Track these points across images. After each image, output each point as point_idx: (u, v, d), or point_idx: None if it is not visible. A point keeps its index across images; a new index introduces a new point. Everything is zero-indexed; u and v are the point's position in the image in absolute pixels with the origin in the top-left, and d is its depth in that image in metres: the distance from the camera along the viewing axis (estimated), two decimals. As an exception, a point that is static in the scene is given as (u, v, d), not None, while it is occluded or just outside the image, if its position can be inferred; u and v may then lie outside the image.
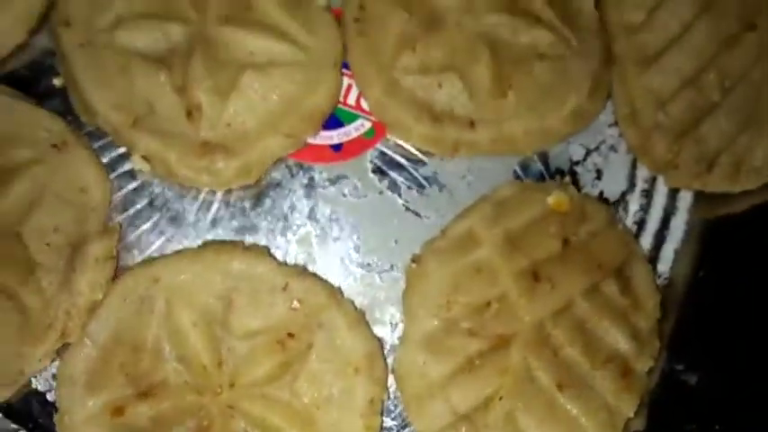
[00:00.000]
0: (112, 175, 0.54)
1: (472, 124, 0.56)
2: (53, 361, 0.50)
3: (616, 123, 0.60)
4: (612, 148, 0.60)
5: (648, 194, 0.59)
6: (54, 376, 0.50)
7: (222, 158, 0.52)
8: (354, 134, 0.58)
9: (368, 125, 0.58)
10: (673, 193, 0.59)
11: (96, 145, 0.54)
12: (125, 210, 0.54)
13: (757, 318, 0.54)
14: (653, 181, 0.60)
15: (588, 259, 0.54)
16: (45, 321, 0.48)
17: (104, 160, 0.54)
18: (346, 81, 0.57)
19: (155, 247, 0.53)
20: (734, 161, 0.54)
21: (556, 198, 0.55)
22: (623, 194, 0.59)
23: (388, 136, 0.57)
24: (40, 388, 0.51)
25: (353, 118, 0.58)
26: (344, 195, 0.56)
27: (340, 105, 0.57)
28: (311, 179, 0.56)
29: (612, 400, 0.51)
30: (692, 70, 0.56)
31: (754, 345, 0.54)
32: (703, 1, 0.57)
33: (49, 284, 0.48)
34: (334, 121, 0.57)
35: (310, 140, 0.56)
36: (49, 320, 0.48)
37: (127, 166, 0.54)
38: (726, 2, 0.56)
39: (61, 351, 0.49)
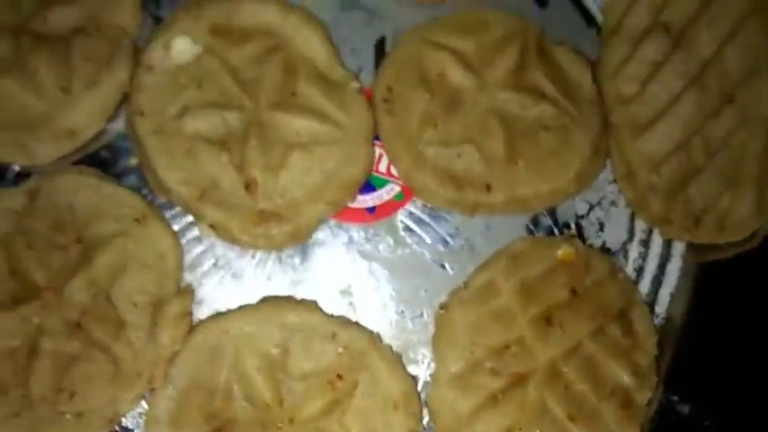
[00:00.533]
0: (183, 240, 0.61)
1: (488, 188, 0.63)
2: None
3: (615, 181, 0.66)
4: (613, 203, 0.67)
5: (646, 244, 0.66)
6: (141, 415, 0.57)
7: (276, 225, 0.60)
8: (386, 197, 0.65)
9: (397, 189, 0.66)
10: (667, 242, 0.66)
11: (168, 214, 0.61)
12: (194, 270, 0.61)
13: (744, 354, 0.61)
14: (650, 232, 0.67)
15: (594, 306, 0.60)
16: (134, 370, 0.55)
17: (176, 227, 0.61)
18: (377, 151, 0.65)
19: (220, 301, 0.60)
20: (718, 218, 0.61)
21: (564, 252, 0.62)
22: (623, 244, 0.66)
23: (416, 199, 0.65)
24: (129, 425, 0.58)
25: (384, 183, 0.66)
26: (379, 251, 0.64)
27: (373, 172, 0.65)
28: (350, 238, 0.64)
29: (616, 427, 0.58)
30: (681, 137, 0.63)
31: (741, 378, 0.60)
32: (689, 75, 0.63)
33: (136, 339, 0.56)
34: (368, 187, 0.65)
35: (348, 204, 0.64)
36: (138, 369, 0.55)
37: (195, 233, 0.62)
38: (709, 77, 0.63)
39: (148, 395, 0.56)
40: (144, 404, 0.57)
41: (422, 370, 0.62)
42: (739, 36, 0.62)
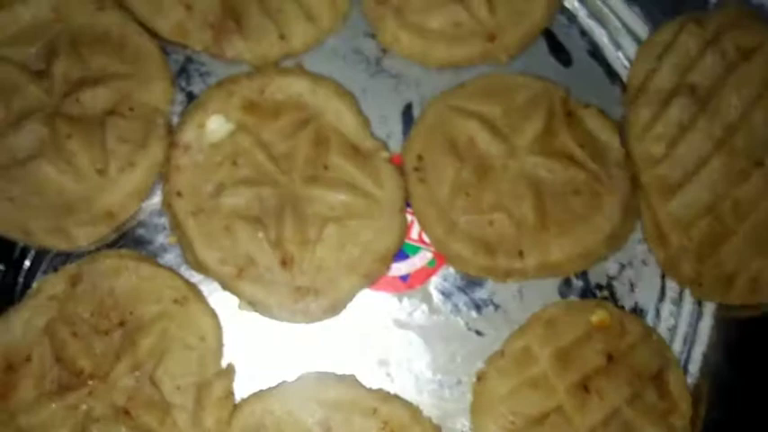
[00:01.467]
0: (223, 318, 0.62)
1: (521, 254, 0.64)
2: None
3: (645, 240, 0.67)
4: (644, 263, 0.68)
5: (678, 303, 0.68)
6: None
7: (313, 300, 0.62)
8: (419, 264, 0.67)
9: (429, 255, 0.67)
10: (699, 302, 0.67)
11: (206, 291, 0.63)
12: (233, 346, 0.61)
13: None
14: (681, 290, 0.68)
15: (630, 371, 0.62)
16: None
17: (214, 302, 0.62)
18: (409, 218, 0.66)
19: (259, 377, 0.61)
20: (750, 280, 0.62)
21: (598, 317, 0.64)
22: (656, 305, 0.67)
23: (449, 266, 0.66)
24: None
25: (417, 250, 0.67)
26: (414, 319, 0.65)
27: (405, 240, 0.66)
28: (385, 307, 0.65)
29: None
30: (710, 200, 0.64)
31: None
32: (717, 138, 0.64)
33: (182, 422, 0.57)
34: (400, 254, 0.66)
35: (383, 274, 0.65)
36: None
37: (233, 310, 0.62)
38: (737, 140, 0.64)
39: None
40: None
41: None
42: (766, 99, 0.63)
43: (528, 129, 0.66)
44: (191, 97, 0.67)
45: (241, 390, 0.61)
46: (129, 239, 0.65)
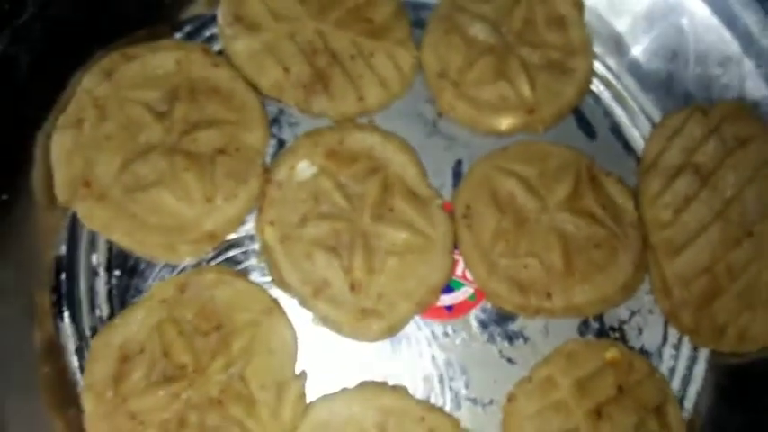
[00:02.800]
0: (299, 330, 0.71)
1: (549, 296, 0.74)
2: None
3: (652, 292, 0.78)
4: (650, 311, 0.78)
5: (677, 347, 0.77)
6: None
7: (375, 322, 0.71)
8: (461, 298, 0.77)
9: (470, 291, 0.77)
10: (694, 347, 0.77)
11: (287, 305, 0.71)
12: (305, 354, 0.71)
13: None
14: (680, 337, 0.77)
15: (636, 401, 0.71)
16: None
17: (292, 316, 0.71)
18: (456, 257, 0.76)
19: (326, 384, 0.70)
20: (738, 331, 0.72)
21: (611, 354, 0.73)
22: (659, 347, 0.77)
23: (486, 301, 0.76)
24: None
25: (460, 285, 0.77)
26: (456, 345, 0.74)
27: (452, 276, 0.76)
28: (432, 332, 0.75)
29: None
30: (708, 261, 0.74)
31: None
32: (715, 210, 0.75)
33: (265, 415, 0.65)
34: (447, 288, 0.75)
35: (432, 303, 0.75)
36: None
37: (308, 323, 0.72)
38: (732, 212, 0.74)
39: None
40: None
41: None
42: (757, 180, 0.74)
43: (558, 189, 0.76)
44: (281, 143, 0.78)
45: (311, 392, 0.69)
46: (224, 258, 0.74)
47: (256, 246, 0.74)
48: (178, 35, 0.79)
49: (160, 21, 0.77)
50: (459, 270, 0.76)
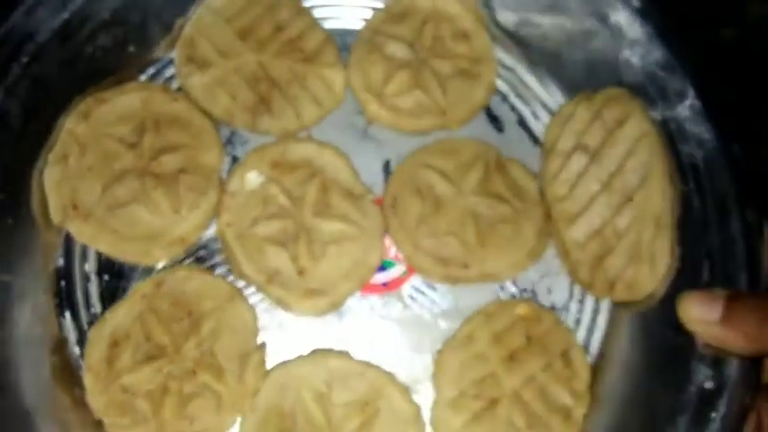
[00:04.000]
0: (258, 311, 0.82)
1: (466, 266, 0.83)
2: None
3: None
4: (557, 273, 0.85)
5: (582, 302, 0.86)
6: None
7: (320, 299, 0.81)
8: (395, 275, 0.86)
9: (403, 268, 0.86)
10: (597, 301, 0.86)
11: (247, 292, 0.84)
12: (265, 331, 0.82)
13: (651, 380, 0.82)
14: (584, 293, 0.86)
15: (544, 348, 0.80)
16: (231, 402, 0.76)
17: (252, 300, 0.83)
18: (387, 242, 0.87)
19: (283, 352, 0.81)
20: (626, 283, 0.81)
21: (522, 310, 0.82)
22: (566, 302, 0.86)
23: (416, 275, 0.87)
24: None
25: (393, 264, 0.86)
26: (392, 314, 0.84)
27: (385, 258, 0.85)
28: (371, 305, 0.84)
29: None
30: (598, 226, 0.83)
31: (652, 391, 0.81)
32: (602, 182, 0.84)
33: (232, 381, 0.76)
34: (381, 268, 0.85)
35: (369, 281, 0.86)
36: (233, 402, 0.76)
37: (265, 305, 0.83)
38: (615, 183, 0.84)
39: (240, 419, 0.78)
40: (237, 425, 0.78)
41: (426, 398, 0.80)
42: (633, 155, 0.84)
43: (471, 177, 0.85)
44: (235, 159, 0.87)
45: (270, 360, 0.80)
46: (193, 257, 0.85)
47: (219, 245, 0.85)
48: (143, 77, 0.91)
49: (127, 67, 0.90)
50: (392, 252, 0.88)
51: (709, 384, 0.72)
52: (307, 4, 0.94)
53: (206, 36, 0.90)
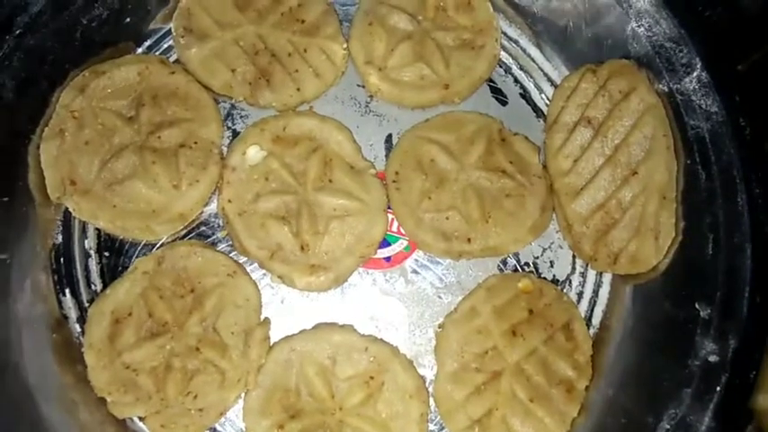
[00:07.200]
0: (260, 286, 0.79)
1: (469, 240, 0.80)
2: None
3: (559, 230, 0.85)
4: (560, 247, 0.83)
5: (584, 275, 0.83)
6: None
7: (323, 274, 0.77)
8: (397, 249, 0.83)
9: (405, 243, 0.83)
10: (599, 274, 0.83)
11: (249, 268, 0.80)
12: (268, 307, 0.78)
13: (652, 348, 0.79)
14: (586, 266, 0.83)
15: (545, 321, 0.78)
16: (235, 378, 0.73)
17: (255, 276, 0.79)
18: (389, 216, 0.82)
19: (287, 327, 0.78)
20: (629, 256, 0.78)
21: (523, 284, 0.79)
22: (568, 276, 0.83)
23: (418, 250, 0.83)
24: (231, 417, 0.76)
25: (396, 239, 0.83)
26: (395, 288, 0.81)
27: (388, 232, 0.82)
28: (374, 280, 0.81)
29: (563, 406, 0.75)
30: (602, 199, 0.79)
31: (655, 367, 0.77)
32: (606, 155, 0.80)
33: (236, 356, 0.73)
34: (384, 243, 0.82)
35: (372, 256, 0.81)
36: (238, 377, 0.73)
37: (267, 281, 0.80)
38: (620, 156, 0.79)
39: (244, 394, 0.74)
40: (241, 401, 0.74)
41: (428, 371, 0.78)
42: (639, 128, 0.79)
43: (473, 151, 0.81)
44: (235, 133, 0.83)
45: (274, 335, 0.77)
46: (194, 233, 0.80)
47: (220, 221, 0.81)
48: (139, 50, 0.85)
49: (123, 39, 0.83)
50: (395, 227, 0.83)
51: (713, 358, 0.68)
52: (307, -25, 0.87)
53: (203, 7, 0.84)
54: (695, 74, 0.79)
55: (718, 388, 0.67)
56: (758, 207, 0.74)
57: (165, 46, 0.86)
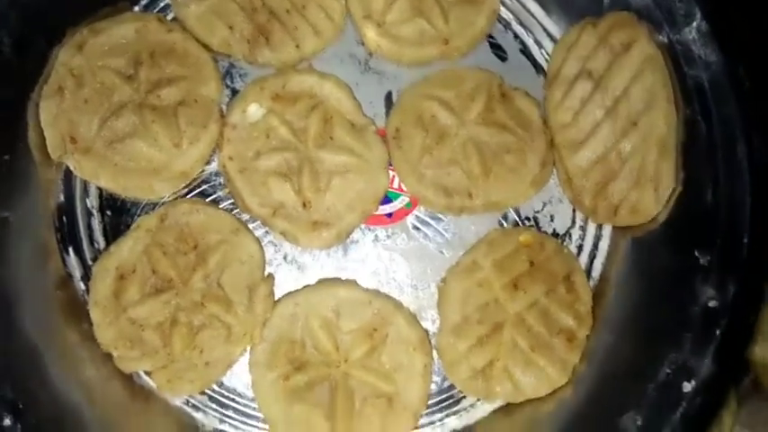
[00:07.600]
0: (264, 243, 0.79)
1: (470, 196, 0.79)
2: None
3: (559, 184, 0.84)
4: (560, 200, 0.83)
5: (584, 228, 0.83)
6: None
7: (325, 230, 0.77)
8: (399, 206, 0.83)
9: (406, 200, 0.82)
10: (599, 227, 0.83)
11: (252, 226, 0.80)
12: (272, 264, 0.79)
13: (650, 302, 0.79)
14: (586, 220, 0.83)
15: (546, 273, 0.78)
16: (241, 332, 0.73)
17: (258, 234, 0.79)
18: (391, 174, 0.82)
19: (291, 283, 0.78)
20: (630, 207, 0.77)
21: (524, 237, 0.79)
22: (568, 229, 0.83)
23: (420, 206, 0.83)
24: (237, 370, 0.77)
25: (397, 196, 0.83)
26: (397, 244, 0.81)
27: (389, 189, 0.82)
28: (376, 236, 0.81)
29: (564, 355, 0.75)
30: (602, 152, 0.78)
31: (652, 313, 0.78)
32: (606, 108, 0.79)
33: (241, 312, 0.73)
34: (386, 199, 0.81)
35: (374, 213, 0.81)
36: (243, 331, 0.73)
37: (270, 238, 0.80)
38: (620, 108, 0.78)
39: (250, 348, 0.74)
40: (247, 354, 0.75)
41: (431, 325, 0.79)
42: (639, 80, 0.78)
43: (473, 106, 0.80)
44: (234, 92, 0.82)
45: (278, 292, 0.77)
46: (196, 192, 0.80)
47: (222, 179, 0.80)
48: (137, 8, 0.83)
49: (119, -3, 0.82)
50: (396, 184, 0.83)
51: (713, 303, 0.68)
52: (303, -70, 0.85)
53: (199, -37, 0.81)
54: (695, 23, 0.78)
55: (718, 332, 0.67)
56: (757, 156, 0.74)
57: (162, 4, 0.84)
